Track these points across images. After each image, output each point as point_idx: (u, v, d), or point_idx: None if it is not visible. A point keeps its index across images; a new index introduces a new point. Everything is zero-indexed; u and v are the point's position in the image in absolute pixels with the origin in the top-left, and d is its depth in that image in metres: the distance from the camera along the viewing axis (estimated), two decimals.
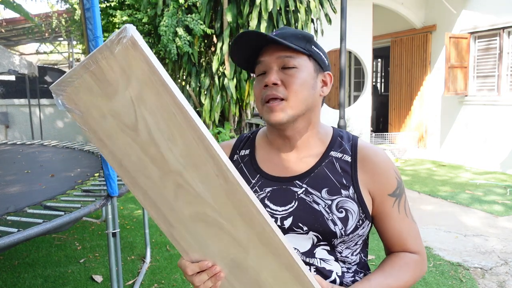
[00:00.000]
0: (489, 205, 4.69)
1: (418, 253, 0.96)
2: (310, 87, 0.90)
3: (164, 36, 5.35)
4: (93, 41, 2.07)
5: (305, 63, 0.90)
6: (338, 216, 0.88)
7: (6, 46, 11.41)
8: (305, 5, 5.45)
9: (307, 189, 0.91)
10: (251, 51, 0.92)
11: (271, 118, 0.89)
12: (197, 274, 0.77)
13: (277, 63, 0.89)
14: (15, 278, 3.02)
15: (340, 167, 0.93)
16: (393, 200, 0.94)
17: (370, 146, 0.97)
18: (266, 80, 0.88)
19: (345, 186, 0.91)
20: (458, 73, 6.96)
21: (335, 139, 0.97)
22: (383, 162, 0.95)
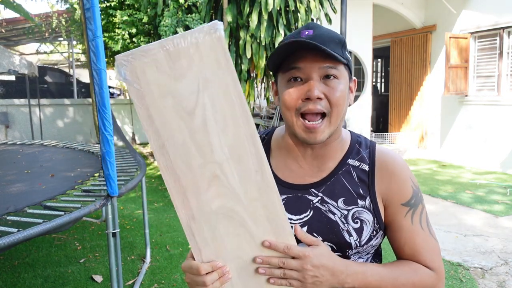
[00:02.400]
0: (489, 205, 4.69)
1: (434, 270, 0.87)
2: (346, 98, 0.87)
3: (164, 36, 5.35)
4: (93, 41, 2.07)
5: (343, 72, 0.85)
6: (353, 226, 0.86)
7: (6, 46, 11.40)
8: (305, 5, 5.45)
9: (323, 198, 0.88)
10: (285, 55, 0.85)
11: (310, 138, 0.84)
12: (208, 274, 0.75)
13: (318, 73, 0.83)
14: (15, 278, 3.02)
15: (357, 176, 0.90)
16: (406, 210, 0.89)
17: (388, 153, 0.93)
18: (309, 93, 0.81)
19: (362, 196, 0.88)
20: (458, 73, 6.96)
21: (353, 146, 0.94)
22: (400, 169, 0.91)
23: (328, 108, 0.83)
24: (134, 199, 5.15)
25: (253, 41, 5.41)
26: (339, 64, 0.84)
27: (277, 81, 0.91)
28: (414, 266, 0.87)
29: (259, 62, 5.47)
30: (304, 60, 0.83)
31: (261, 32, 5.28)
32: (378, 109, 9.94)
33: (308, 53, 0.82)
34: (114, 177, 2.32)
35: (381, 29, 8.62)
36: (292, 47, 0.82)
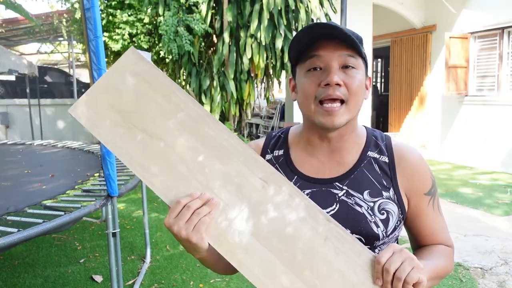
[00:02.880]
0: (489, 205, 4.69)
1: (451, 246, 0.98)
2: (364, 90, 0.88)
3: (165, 36, 5.35)
4: (93, 41, 2.07)
5: (361, 65, 0.87)
6: (380, 218, 0.88)
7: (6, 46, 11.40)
8: (305, 5, 5.45)
9: (348, 191, 0.89)
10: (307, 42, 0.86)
11: (328, 122, 0.85)
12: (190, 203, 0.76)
13: (338, 61, 0.84)
14: (15, 278, 3.02)
15: (379, 167, 0.92)
16: (429, 199, 0.94)
17: (404, 145, 0.96)
18: (329, 79, 0.83)
19: (386, 187, 0.90)
20: (458, 73, 6.96)
21: (370, 139, 0.96)
22: (419, 161, 0.95)
23: (346, 96, 0.84)
24: (134, 199, 5.15)
25: (253, 41, 5.41)
26: (358, 56, 0.86)
27: (295, 75, 0.92)
28: (443, 251, 0.94)
29: (259, 62, 5.47)
30: (324, 49, 0.84)
31: (261, 32, 5.28)
32: (378, 109, 9.93)
33: (328, 42, 0.84)
34: (114, 177, 2.32)
35: (381, 29, 8.61)
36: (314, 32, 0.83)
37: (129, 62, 0.82)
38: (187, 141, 0.80)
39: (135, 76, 0.81)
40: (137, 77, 0.81)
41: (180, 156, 0.79)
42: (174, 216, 0.75)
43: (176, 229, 0.75)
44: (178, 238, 0.76)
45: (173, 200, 0.78)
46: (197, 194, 0.77)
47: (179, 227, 0.75)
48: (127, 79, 0.81)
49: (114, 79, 0.81)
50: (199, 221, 0.75)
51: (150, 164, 0.79)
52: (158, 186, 0.79)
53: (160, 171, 0.79)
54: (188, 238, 0.74)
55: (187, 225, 0.74)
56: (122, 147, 0.79)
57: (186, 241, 0.76)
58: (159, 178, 0.79)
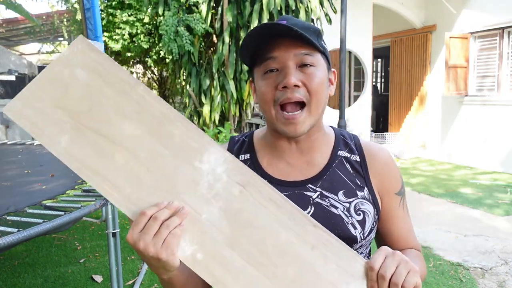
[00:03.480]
0: (489, 205, 4.69)
1: (420, 251, 0.95)
2: (326, 87, 0.84)
3: (165, 36, 5.35)
4: (93, 41, 2.07)
5: (320, 61, 0.82)
6: (357, 219, 0.84)
7: (6, 46, 11.40)
8: (305, 5, 5.45)
9: (322, 192, 0.85)
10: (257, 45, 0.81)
11: (290, 130, 0.81)
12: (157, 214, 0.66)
13: (294, 60, 0.79)
14: (15, 278, 3.02)
15: (352, 167, 0.89)
16: (399, 199, 0.92)
17: (374, 144, 0.94)
18: (286, 81, 0.78)
19: (360, 187, 0.87)
20: (458, 73, 6.96)
21: (339, 138, 0.93)
22: (389, 160, 0.93)
23: (307, 97, 0.80)
24: None
25: None
26: (316, 52, 0.81)
27: (253, 76, 0.87)
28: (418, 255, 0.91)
29: None
30: (278, 49, 0.79)
31: None
32: (378, 109, 9.93)
33: (282, 42, 0.79)
34: None
35: (381, 29, 8.61)
36: (264, 33, 0.78)
37: (77, 52, 0.70)
38: (149, 143, 0.70)
39: (85, 69, 0.70)
40: (88, 70, 0.70)
41: (141, 161, 0.69)
42: (138, 230, 0.65)
43: (143, 246, 0.65)
44: (144, 256, 0.66)
45: (136, 211, 0.68)
46: (164, 203, 0.67)
47: (145, 243, 0.64)
48: (75, 72, 0.69)
49: (59, 72, 0.70)
50: (169, 234, 0.65)
51: (105, 172, 0.68)
52: (116, 196, 0.68)
53: (118, 179, 0.68)
54: (157, 255, 0.64)
55: (155, 240, 0.64)
56: (70, 152, 0.68)
57: (154, 259, 0.65)
58: (117, 187, 0.68)
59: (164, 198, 0.68)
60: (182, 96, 6.56)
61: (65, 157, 0.68)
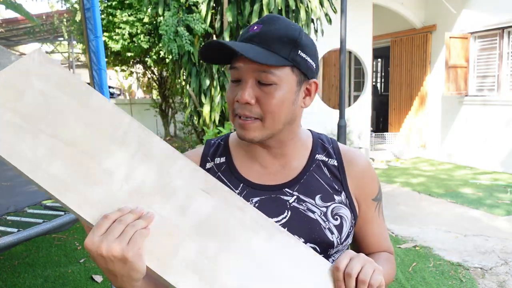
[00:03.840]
0: (489, 205, 4.69)
1: (392, 254, 0.97)
2: (290, 103, 0.80)
3: (165, 36, 5.36)
4: (93, 41, 2.07)
5: (287, 77, 0.78)
6: (334, 223, 0.84)
7: (6, 46, 11.39)
8: (305, 5, 5.45)
9: (299, 196, 0.84)
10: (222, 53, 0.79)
11: (243, 135, 0.80)
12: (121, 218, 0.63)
13: (253, 76, 0.77)
14: (15, 278, 3.02)
15: (329, 171, 0.88)
16: (376, 205, 0.93)
17: (352, 149, 0.94)
18: (238, 97, 0.77)
19: (337, 191, 0.87)
20: (458, 73, 6.96)
21: (317, 142, 0.92)
22: (368, 165, 0.92)
23: (260, 115, 0.78)
24: None
25: None
26: (280, 68, 0.76)
27: None
28: (388, 257, 0.93)
29: None
30: (242, 61, 0.77)
31: None
32: (378, 109, 9.93)
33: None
34: None
35: (381, 29, 8.61)
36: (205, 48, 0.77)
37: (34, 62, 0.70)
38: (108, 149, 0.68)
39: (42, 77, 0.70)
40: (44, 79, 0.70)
41: (102, 166, 0.67)
42: (100, 233, 0.60)
43: (106, 247, 0.59)
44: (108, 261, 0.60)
45: (97, 216, 0.63)
46: (128, 208, 0.64)
47: (109, 243, 0.59)
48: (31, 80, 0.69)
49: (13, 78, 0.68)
50: (135, 232, 0.61)
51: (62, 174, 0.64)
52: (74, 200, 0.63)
53: (76, 182, 0.65)
54: (122, 254, 0.59)
55: (120, 239, 0.60)
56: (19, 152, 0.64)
57: (119, 262, 0.60)
58: (76, 189, 0.64)
59: (127, 203, 0.66)
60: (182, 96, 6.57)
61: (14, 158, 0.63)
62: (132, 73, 10.00)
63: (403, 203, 4.95)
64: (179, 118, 9.85)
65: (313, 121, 6.81)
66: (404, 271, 3.08)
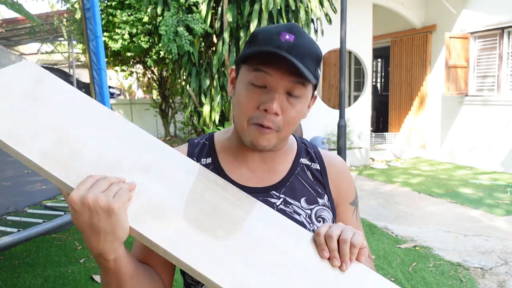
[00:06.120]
0: (489, 205, 4.69)
1: (371, 258, 0.97)
2: (301, 117, 0.83)
3: (164, 36, 5.35)
4: (93, 41, 2.07)
5: (308, 92, 0.81)
6: (317, 225, 0.85)
7: (6, 46, 11.38)
8: (305, 5, 5.45)
9: (286, 199, 0.86)
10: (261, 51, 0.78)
11: (256, 143, 0.80)
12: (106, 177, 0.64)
13: (286, 87, 0.77)
14: (15, 278, 3.02)
15: (312, 174, 0.91)
16: (353, 209, 0.94)
17: (331, 153, 0.97)
18: (269, 106, 0.76)
19: (320, 194, 0.89)
20: (458, 73, 6.96)
21: (301, 146, 0.94)
22: (346, 170, 0.95)
23: (280, 126, 0.79)
24: None
25: None
26: (308, 83, 0.78)
27: (238, 70, 0.83)
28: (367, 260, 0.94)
29: None
30: (275, 69, 0.76)
31: None
32: (378, 109, 9.93)
33: (281, 62, 0.75)
34: None
35: (381, 29, 8.62)
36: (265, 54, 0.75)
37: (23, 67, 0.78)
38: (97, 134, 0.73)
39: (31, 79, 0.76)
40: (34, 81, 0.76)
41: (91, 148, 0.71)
42: (86, 187, 0.61)
43: (92, 197, 0.59)
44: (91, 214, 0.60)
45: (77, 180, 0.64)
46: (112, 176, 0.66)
47: (95, 194, 0.60)
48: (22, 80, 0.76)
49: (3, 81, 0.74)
50: (120, 189, 0.62)
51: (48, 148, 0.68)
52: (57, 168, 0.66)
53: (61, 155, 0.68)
54: (108, 205, 0.59)
55: (106, 193, 0.61)
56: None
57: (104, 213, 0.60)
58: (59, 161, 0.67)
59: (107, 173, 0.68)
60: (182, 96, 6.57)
61: None
62: (132, 73, 10.00)
63: (403, 203, 4.95)
64: (179, 118, 9.85)
65: (313, 121, 6.81)
66: (404, 271, 3.08)
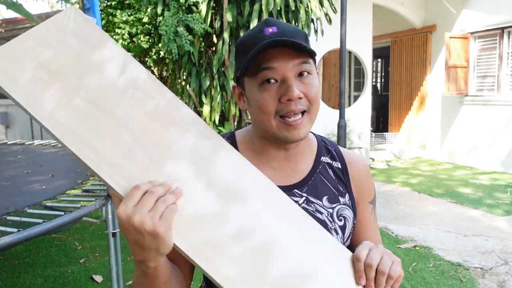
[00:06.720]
0: (489, 205, 4.69)
1: None
2: (320, 91, 0.83)
3: (164, 36, 5.35)
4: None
5: (313, 67, 0.81)
6: (339, 224, 0.86)
7: None
8: (305, 5, 5.45)
9: (308, 198, 0.86)
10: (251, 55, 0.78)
11: (294, 136, 0.79)
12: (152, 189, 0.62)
13: (293, 71, 0.77)
14: (15, 278, 3.02)
15: (334, 173, 0.91)
16: (371, 208, 0.95)
17: (352, 152, 0.97)
18: (290, 94, 0.76)
19: (342, 193, 0.89)
20: (458, 73, 6.96)
21: (321, 144, 0.94)
22: (366, 168, 0.95)
23: (308, 106, 0.79)
24: None
25: None
26: (310, 58, 0.80)
27: (242, 84, 0.84)
28: None
29: None
30: (276, 59, 0.76)
31: None
32: (378, 109, 9.93)
33: (279, 52, 0.76)
34: None
35: (381, 29, 8.61)
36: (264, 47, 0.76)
37: (69, 20, 0.67)
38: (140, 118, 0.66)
39: (76, 37, 0.66)
40: (79, 39, 0.66)
41: (133, 135, 0.65)
42: (133, 203, 0.60)
43: (138, 219, 0.59)
44: (138, 233, 0.60)
45: (127, 187, 0.62)
46: (158, 181, 0.64)
47: (141, 216, 0.59)
48: (66, 39, 0.66)
49: (48, 35, 0.65)
50: (166, 208, 0.61)
51: (94, 142, 0.62)
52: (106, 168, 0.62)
53: (108, 150, 0.63)
54: (154, 229, 0.59)
55: (152, 214, 0.59)
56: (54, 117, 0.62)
57: (150, 236, 0.60)
58: (106, 159, 0.62)
59: (157, 175, 0.65)
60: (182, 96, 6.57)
61: (48, 121, 0.61)
62: None
63: (403, 203, 4.95)
64: None
65: None
66: (404, 271, 3.08)
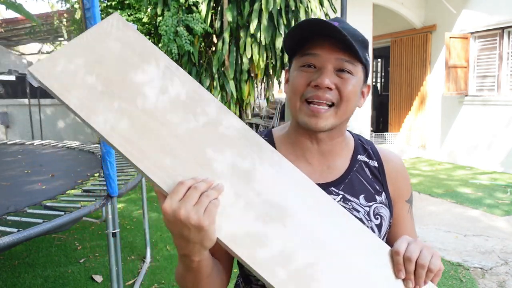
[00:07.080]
0: (489, 205, 4.69)
1: None
2: (357, 97, 0.84)
3: (164, 36, 5.35)
4: None
5: (359, 71, 0.82)
6: (375, 223, 0.86)
7: (6, 46, 11.39)
8: (305, 5, 5.45)
9: (345, 196, 0.86)
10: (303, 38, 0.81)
11: (311, 122, 0.80)
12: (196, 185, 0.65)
13: (334, 64, 0.79)
14: (15, 278, 3.02)
15: (370, 172, 0.91)
16: (408, 206, 0.94)
17: (388, 150, 0.96)
18: (319, 81, 0.78)
19: (378, 191, 0.89)
20: (458, 73, 6.96)
21: (358, 143, 0.94)
22: (403, 167, 0.95)
23: (338, 100, 0.80)
24: (134, 199, 5.15)
25: (253, 41, 5.41)
26: (357, 61, 0.80)
27: (290, 67, 0.87)
28: None
29: (259, 62, 5.47)
30: (322, 48, 0.79)
31: (261, 32, 5.28)
32: (378, 109, 9.93)
33: (327, 41, 0.79)
34: (114, 177, 2.32)
35: (381, 29, 8.61)
36: (313, 28, 0.78)
37: (112, 27, 0.71)
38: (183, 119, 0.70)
39: (120, 42, 0.70)
40: (122, 44, 0.70)
41: (175, 134, 0.69)
42: (178, 198, 0.62)
43: (184, 213, 0.61)
44: (184, 226, 0.62)
45: (171, 184, 0.65)
46: (200, 178, 0.66)
47: (187, 210, 0.61)
48: (109, 45, 0.70)
49: (93, 41, 0.69)
50: (210, 203, 0.63)
51: (140, 141, 0.66)
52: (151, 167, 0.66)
53: (152, 148, 0.67)
54: (199, 223, 0.61)
55: (197, 208, 0.61)
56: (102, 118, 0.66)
57: (195, 229, 0.62)
58: (151, 157, 0.66)
59: (198, 172, 0.68)
60: None
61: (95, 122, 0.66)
62: None
63: None
64: None
65: None
66: None
